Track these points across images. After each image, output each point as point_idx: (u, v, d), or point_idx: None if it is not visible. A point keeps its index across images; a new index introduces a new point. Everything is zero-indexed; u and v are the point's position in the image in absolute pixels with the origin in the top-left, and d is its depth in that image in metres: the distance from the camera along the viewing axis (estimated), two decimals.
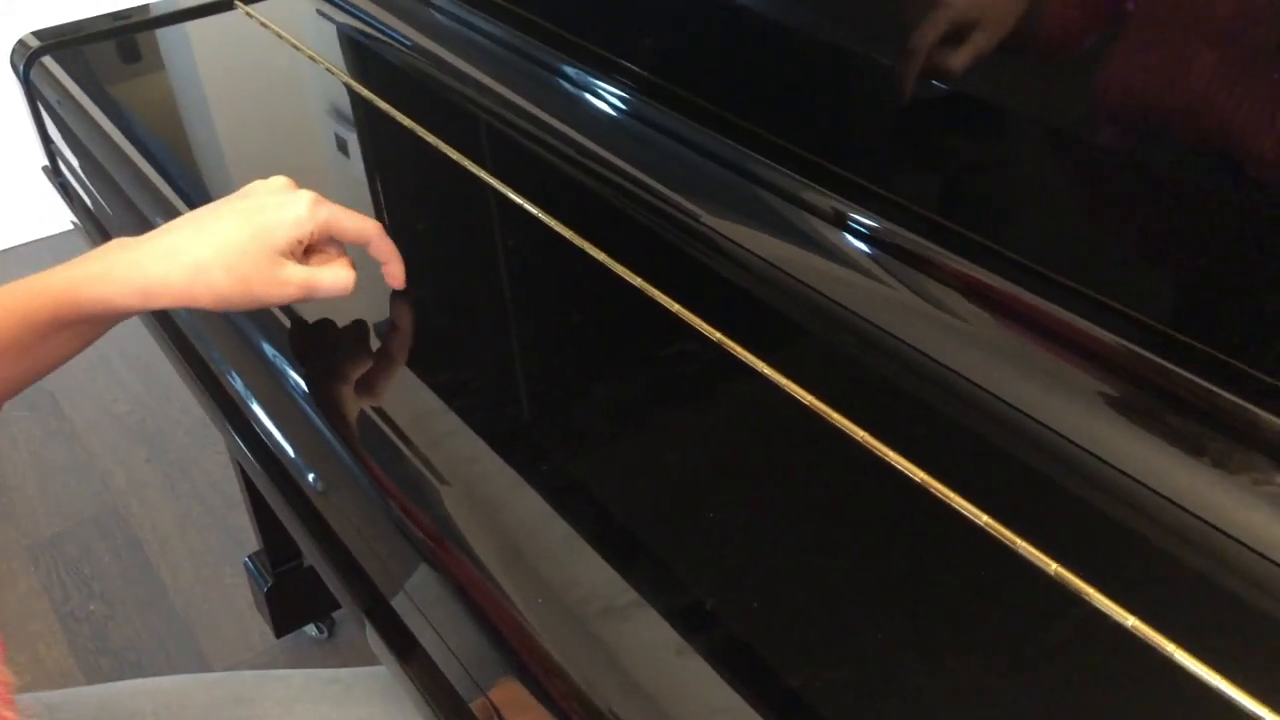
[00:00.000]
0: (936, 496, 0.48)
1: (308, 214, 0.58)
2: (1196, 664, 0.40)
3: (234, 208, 0.58)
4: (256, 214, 0.57)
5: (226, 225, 0.57)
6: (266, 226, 0.57)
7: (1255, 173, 0.45)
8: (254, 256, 0.56)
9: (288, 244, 0.57)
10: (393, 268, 0.63)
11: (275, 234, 0.57)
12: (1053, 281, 0.54)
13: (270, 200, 0.58)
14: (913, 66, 0.57)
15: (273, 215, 0.57)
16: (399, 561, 0.55)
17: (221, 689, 0.73)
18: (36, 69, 0.97)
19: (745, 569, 0.46)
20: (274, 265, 0.57)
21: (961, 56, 0.55)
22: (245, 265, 0.56)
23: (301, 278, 0.58)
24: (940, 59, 0.56)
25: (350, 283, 0.59)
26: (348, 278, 0.59)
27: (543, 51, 0.82)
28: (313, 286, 0.58)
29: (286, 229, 0.57)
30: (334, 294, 0.59)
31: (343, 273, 0.59)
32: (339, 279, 0.59)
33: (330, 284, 0.59)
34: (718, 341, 0.58)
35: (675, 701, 0.41)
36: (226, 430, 0.75)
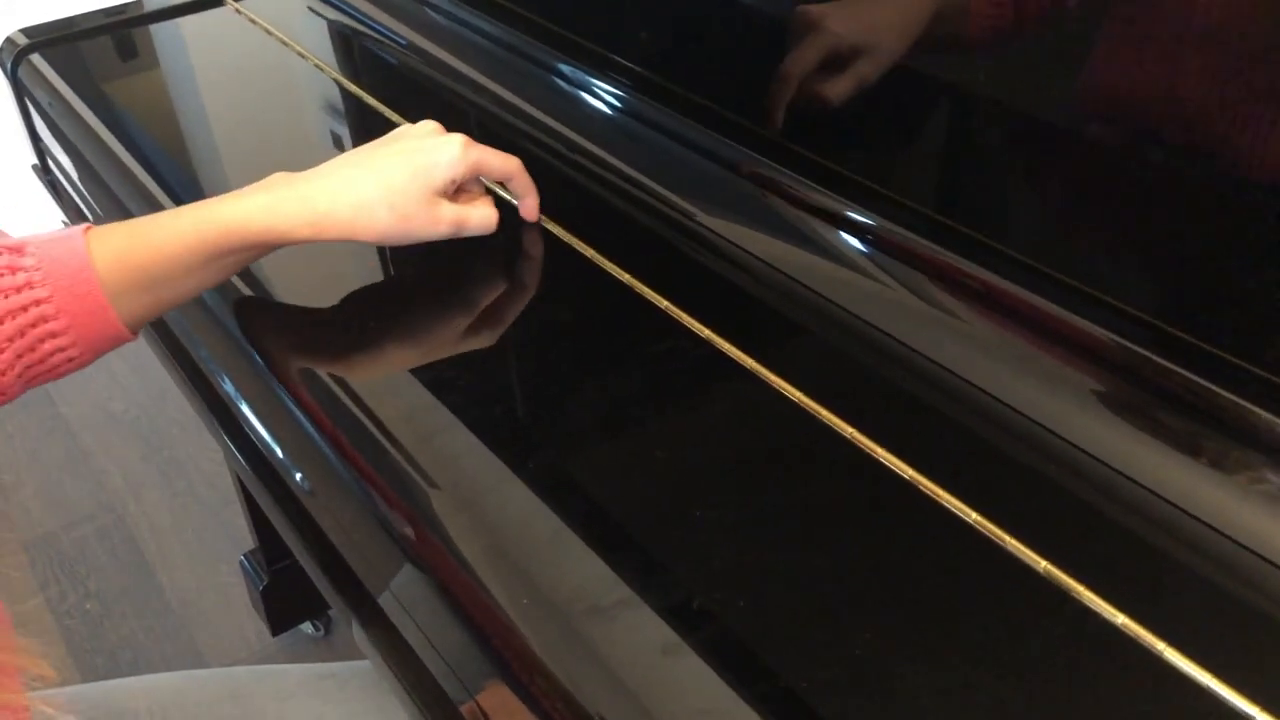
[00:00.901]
0: (926, 494, 0.48)
1: (460, 155, 0.61)
2: (1186, 662, 0.40)
3: (393, 149, 0.62)
4: (416, 154, 0.61)
5: (389, 164, 0.61)
6: (425, 166, 0.60)
7: (1251, 169, 0.45)
8: (414, 195, 0.60)
9: (444, 183, 0.61)
10: (529, 201, 0.67)
11: (433, 174, 0.61)
12: (1047, 278, 0.53)
13: (427, 143, 0.62)
14: (910, 65, 0.57)
15: (431, 156, 0.61)
16: (385, 560, 0.55)
17: (216, 685, 0.73)
18: (24, 67, 0.96)
19: (733, 567, 0.46)
20: (431, 204, 0.61)
21: (960, 54, 0.55)
22: (407, 203, 0.60)
23: (454, 215, 0.62)
24: (932, 57, 0.55)
25: (494, 221, 0.64)
26: (493, 216, 0.64)
27: (536, 49, 0.82)
28: (463, 223, 0.62)
29: (443, 169, 0.61)
30: (481, 231, 0.63)
31: (488, 211, 0.64)
32: (485, 217, 0.63)
33: (479, 222, 0.63)
34: (708, 339, 0.58)
35: (661, 701, 0.41)
36: (217, 431, 0.75)
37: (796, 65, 0.61)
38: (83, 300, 0.56)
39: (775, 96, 0.63)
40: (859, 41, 0.58)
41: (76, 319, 0.57)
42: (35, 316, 0.56)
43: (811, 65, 0.61)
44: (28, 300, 0.55)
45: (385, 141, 0.64)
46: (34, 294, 0.56)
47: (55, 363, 0.58)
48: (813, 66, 0.61)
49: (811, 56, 0.60)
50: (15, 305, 0.55)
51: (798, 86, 0.62)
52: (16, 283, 0.55)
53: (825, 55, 0.60)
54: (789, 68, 0.61)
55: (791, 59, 0.61)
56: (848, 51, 0.59)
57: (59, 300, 0.56)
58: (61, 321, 0.56)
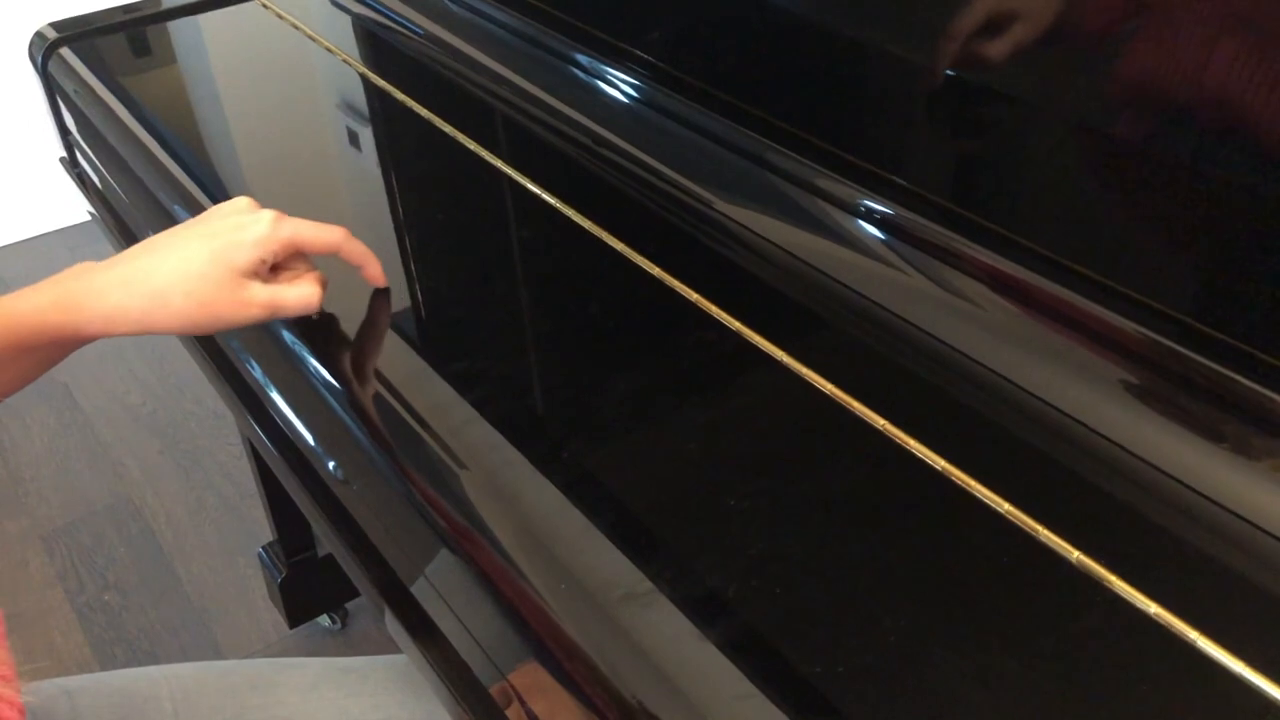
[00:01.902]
0: (957, 484, 0.48)
1: (269, 232, 0.57)
2: (1220, 651, 0.40)
3: (195, 231, 0.58)
4: (217, 236, 0.57)
5: (188, 250, 0.57)
6: (228, 248, 0.56)
7: (1272, 159, 0.45)
8: (216, 279, 0.56)
9: (250, 264, 0.57)
10: (370, 270, 0.62)
11: (237, 255, 0.56)
12: (1071, 270, 0.54)
13: (231, 221, 0.58)
14: (929, 54, 0.57)
15: (234, 236, 0.57)
16: (420, 548, 0.55)
17: (239, 676, 0.74)
18: (54, 60, 0.97)
19: (765, 557, 0.46)
20: (237, 287, 0.56)
21: (979, 45, 0.55)
22: (207, 289, 0.56)
23: (265, 297, 0.57)
24: (957, 47, 0.56)
25: (317, 300, 0.59)
26: (313, 294, 0.59)
27: (556, 40, 0.82)
28: (278, 305, 0.58)
29: (248, 249, 0.57)
30: (301, 312, 0.59)
31: (308, 289, 0.59)
32: (304, 295, 0.59)
33: (295, 301, 0.58)
34: (735, 330, 0.58)
35: (697, 687, 0.42)
36: (245, 418, 0.76)
37: (886, 42, 0.59)
38: None
39: (859, 75, 0.60)
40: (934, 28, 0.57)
41: None
42: None
43: (898, 44, 0.59)
44: None
45: (190, 224, 0.60)
46: None
47: None
48: (899, 46, 0.59)
49: (898, 36, 0.58)
50: None
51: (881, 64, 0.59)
52: None
53: (908, 38, 0.58)
54: (880, 44, 0.59)
55: (881, 37, 0.59)
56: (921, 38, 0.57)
57: None
58: None
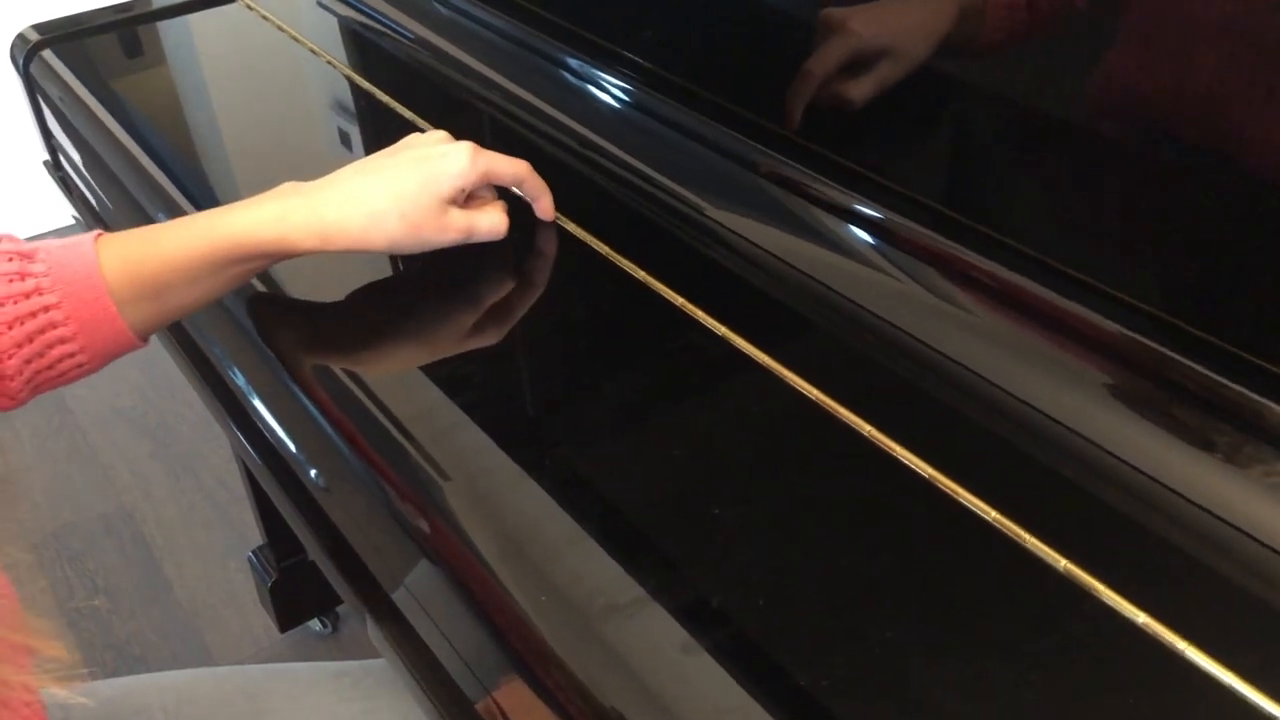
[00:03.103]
0: (944, 492, 0.48)
1: (469, 164, 0.62)
2: (1208, 661, 0.40)
3: (403, 158, 0.62)
4: (424, 163, 0.61)
5: (398, 174, 0.61)
6: (434, 175, 0.61)
7: (1263, 164, 0.45)
8: (424, 203, 0.60)
9: (453, 192, 0.61)
10: (543, 202, 0.68)
11: (442, 183, 0.61)
12: (1061, 274, 0.53)
13: (436, 150, 0.62)
14: (919, 57, 0.57)
15: (439, 165, 0.61)
16: (400, 556, 0.55)
17: (229, 683, 0.73)
18: (36, 63, 0.96)
19: (751, 565, 0.45)
20: (441, 212, 0.61)
21: (968, 47, 0.55)
22: (417, 211, 0.60)
23: (463, 223, 0.62)
24: (947, 50, 0.55)
25: (504, 226, 0.64)
26: (502, 222, 0.64)
27: (545, 43, 0.82)
28: (472, 230, 0.63)
29: (452, 178, 0.61)
30: (491, 237, 0.64)
31: (497, 216, 0.64)
32: (494, 222, 0.64)
33: (488, 228, 0.63)
34: (723, 335, 0.57)
35: (680, 699, 0.41)
36: (229, 426, 0.75)
37: (819, 65, 0.61)
38: (91, 307, 0.56)
39: (795, 95, 0.63)
40: (882, 44, 0.58)
41: (85, 326, 0.57)
42: (44, 323, 0.56)
43: (833, 66, 0.60)
44: (37, 306, 0.56)
45: (394, 150, 0.64)
46: (43, 300, 0.56)
47: (64, 369, 0.58)
48: (835, 67, 0.60)
49: (834, 57, 0.60)
50: (25, 311, 0.56)
51: (817, 86, 0.62)
52: (26, 289, 0.56)
53: (848, 57, 0.60)
54: (812, 67, 0.61)
55: (815, 59, 0.61)
56: (870, 54, 0.58)
57: (68, 307, 0.56)
58: (70, 328, 0.56)
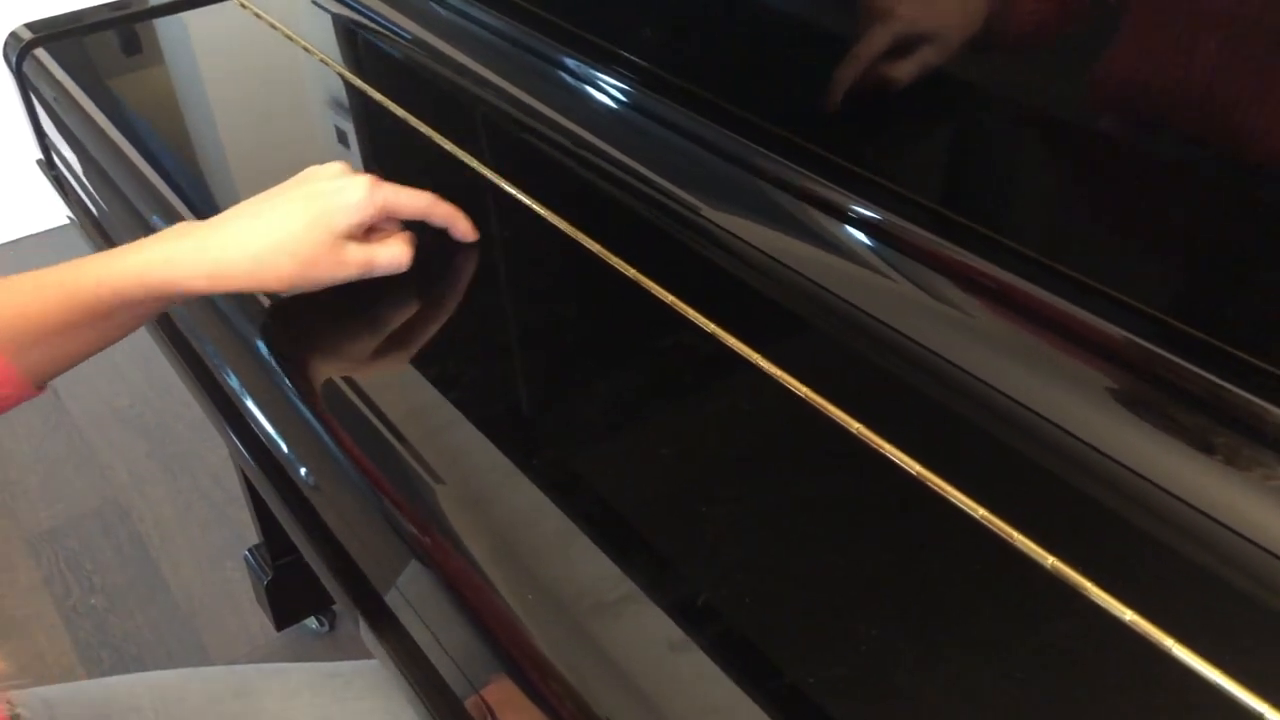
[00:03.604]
0: (933, 490, 0.48)
1: (366, 198, 0.60)
2: (1195, 659, 0.40)
3: (296, 193, 0.61)
4: (317, 199, 0.60)
5: (291, 211, 0.59)
6: (327, 211, 0.59)
7: (1265, 163, 0.44)
8: (316, 240, 0.59)
9: (348, 227, 0.60)
10: (459, 227, 0.66)
11: (336, 218, 0.59)
12: (1056, 274, 0.53)
13: (331, 186, 0.61)
14: (917, 56, 0.56)
15: (333, 200, 0.60)
16: (390, 557, 0.55)
17: (220, 683, 0.73)
18: (29, 61, 0.96)
19: (740, 564, 0.45)
20: (335, 248, 0.59)
21: (966, 47, 0.54)
22: (308, 250, 0.59)
23: (361, 257, 0.60)
24: (945, 49, 0.55)
25: (407, 259, 0.62)
26: (404, 253, 0.62)
27: (541, 43, 0.81)
28: (371, 264, 0.61)
29: (346, 214, 0.60)
30: (391, 270, 0.62)
31: (398, 248, 0.62)
32: (395, 255, 0.62)
33: (387, 260, 0.61)
34: (714, 334, 0.57)
35: (668, 698, 0.41)
36: (222, 426, 0.75)
37: (866, 49, 0.59)
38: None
39: (840, 78, 0.61)
40: (922, 30, 0.56)
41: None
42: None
43: (879, 50, 0.59)
44: None
45: (289, 186, 0.62)
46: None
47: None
48: (880, 51, 0.59)
49: (881, 42, 0.58)
50: None
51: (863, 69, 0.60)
52: None
53: (893, 41, 0.58)
54: (860, 51, 0.59)
55: (862, 44, 0.59)
56: (909, 40, 0.57)
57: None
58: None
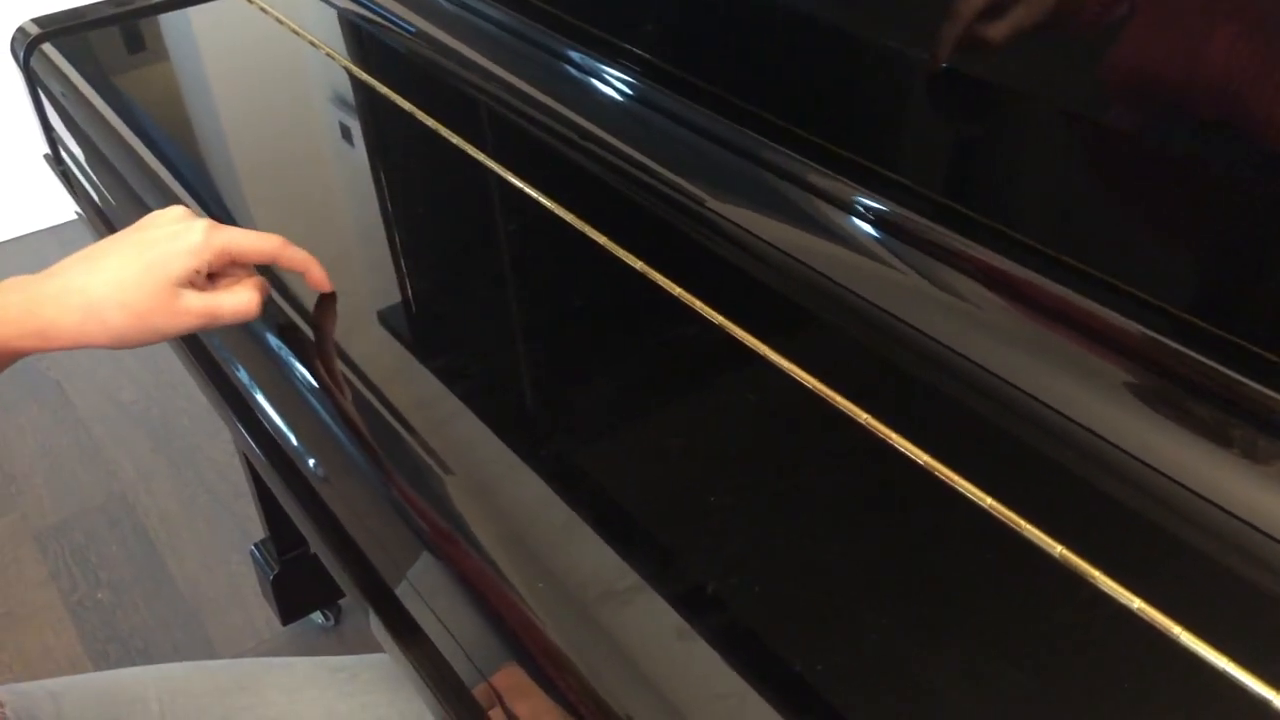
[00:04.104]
0: (940, 479, 0.48)
1: (203, 242, 0.57)
2: (1202, 646, 0.40)
3: (128, 240, 0.58)
4: (151, 246, 0.57)
5: (121, 260, 0.56)
6: (162, 258, 0.56)
7: (1278, 156, 0.44)
8: (150, 289, 0.55)
9: (185, 273, 0.56)
10: (312, 275, 0.62)
11: (171, 265, 0.56)
12: (1064, 265, 0.53)
13: (165, 232, 0.57)
14: (924, 48, 0.56)
15: (167, 246, 0.56)
16: (401, 549, 0.55)
17: (226, 676, 0.73)
18: (37, 56, 0.96)
19: (748, 553, 0.46)
20: (172, 297, 0.56)
21: (974, 38, 0.54)
22: (142, 299, 0.55)
23: (200, 305, 0.57)
24: (952, 41, 0.55)
25: (254, 306, 0.59)
26: (251, 300, 0.58)
27: (546, 36, 0.82)
28: (213, 314, 0.57)
29: (182, 259, 0.56)
30: (237, 320, 0.58)
31: (245, 295, 0.58)
32: (239, 303, 0.58)
33: (231, 309, 0.58)
34: (721, 325, 0.58)
35: (677, 686, 0.41)
36: (230, 418, 0.75)
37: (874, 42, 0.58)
38: None
39: (947, 31, 0.56)
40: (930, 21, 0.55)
41: None
42: None
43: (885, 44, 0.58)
44: None
45: (125, 234, 0.59)
46: None
47: None
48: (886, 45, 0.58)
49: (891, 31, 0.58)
50: None
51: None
52: None
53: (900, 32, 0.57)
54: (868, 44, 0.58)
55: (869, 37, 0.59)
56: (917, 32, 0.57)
57: None
58: None
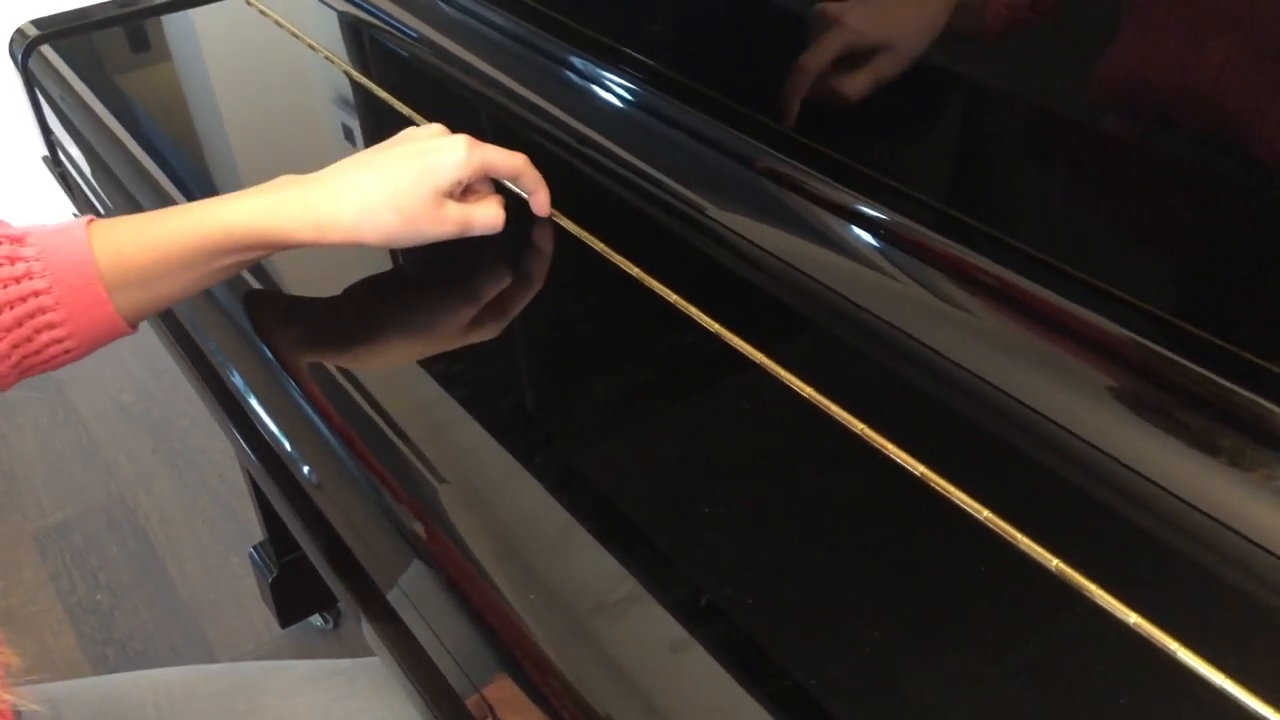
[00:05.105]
0: (937, 491, 0.47)
1: (466, 156, 0.62)
2: (1199, 662, 0.40)
3: (399, 151, 0.62)
4: (421, 156, 0.61)
5: (395, 167, 0.61)
6: (430, 169, 0.61)
7: (1271, 162, 0.44)
8: (420, 197, 0.60)
9: (449, 185, 0.61)
10: (539, 196, 0.67)
11: (438, 175, 0.61)
12: (1061, 274, 0.53)
13: (432, 144, 0.62)
14: (923, 56, 0.56)
15: (435, 158, 0.61)
16: (393, 555, 0.55)
17: (224, 680, 0.73)
18: (35, 58, 0.96)
19: (743, 564, 0.45)
20: (437, 205, 0.61)
21: (970, 46, 0.54)
22: (412, 205, 0.60)
23: (459, 215, 0.62)
24: (951, 49, 0.55)
25: (501, 220, 0.64)
26: (499, 215, 0.64)
27: (547, 42, 0.81)
28: (469, 223, 0.63)
29: (448, 171, 0.61)
30: (487, 230, 0.64)
31: (495, 210, 0.64)
32: (491, 216, 0.64)
33: (484, 221, 0.63)
34: (718, 334, 0.57)
35: (668, 698, 0.41)
36: (226, 424, 0.75)
37: (814, 60, 0.61)
38: (81, 293, 0.56)
39: (791, 91, 0.63)
40: (878, 39, 0.58)
41: (75, 311, 0.57)
42: (34, 307, 0.56)
43: (829, 61, 0.60)
44: (26, 291, 0.56)
45: (391, 144, 0.64)
46: (33, 284, 0.56)
47: (51, 354, 0.58)
48: (830, 62, 0.60)
49: (830, 52, 0.60)
50: (14, 295, 0.56)
51: (813, 82, 0.61)
52: (16, 273, 0.56)
53: (843, 51, 0.59)
54: (806, 62, 0.61)
55: (810, 54, 0.61)
56: (866, 48, 0.58)
57: (58, 292, 0.56)
58: (60, 313, 0.56)
